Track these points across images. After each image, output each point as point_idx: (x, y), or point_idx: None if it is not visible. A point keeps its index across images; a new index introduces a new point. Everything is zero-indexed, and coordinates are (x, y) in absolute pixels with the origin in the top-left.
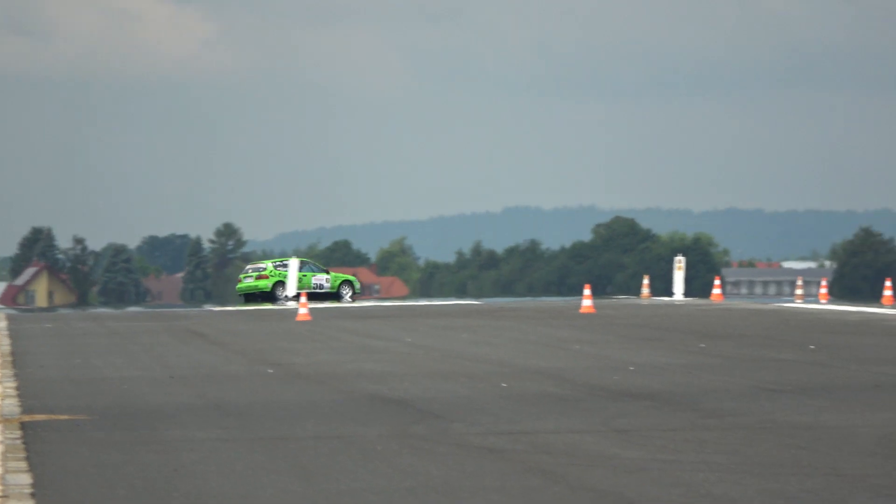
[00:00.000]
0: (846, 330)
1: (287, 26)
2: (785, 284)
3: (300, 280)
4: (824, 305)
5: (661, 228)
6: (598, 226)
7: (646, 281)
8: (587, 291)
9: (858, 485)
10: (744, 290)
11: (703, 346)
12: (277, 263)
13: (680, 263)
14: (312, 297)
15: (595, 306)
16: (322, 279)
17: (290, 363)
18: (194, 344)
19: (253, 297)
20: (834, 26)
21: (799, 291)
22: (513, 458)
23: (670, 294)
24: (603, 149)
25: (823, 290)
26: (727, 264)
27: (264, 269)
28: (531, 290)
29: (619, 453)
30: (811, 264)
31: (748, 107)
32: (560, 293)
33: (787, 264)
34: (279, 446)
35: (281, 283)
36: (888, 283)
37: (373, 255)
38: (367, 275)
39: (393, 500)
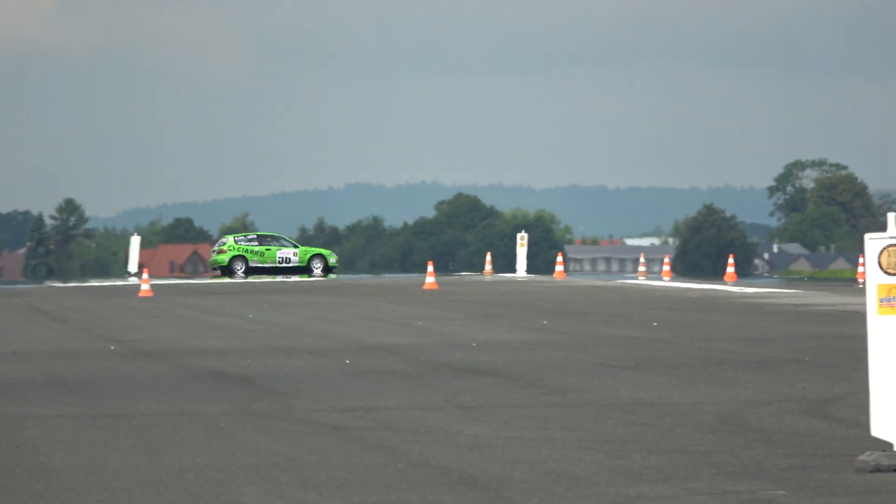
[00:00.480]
0: (689, 307)
1: (128, 3)
2: (628, 261)
3: (262, 254)
4: (667, 282)
5: (504, 205)
6: (441, 202)
7: (489, 258)
8: (430, 268)
9: (702, 461)
10: (587, 268)
11: (545, 322)
12: (240, 238)
13: (522, 240)
14: (277, 271)
15: (438, 283)
16: (289, 253)
17: (133, 340)
18: (37, 320)
19: (219, 270)
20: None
21: (642, 268)
22: (356, 434)
23: (513, 271)
24: (445, 125)
25: (666, 268)
26: (569, 241)
27: (225, 243)
28: (374, 267)
29: (463, 430)
30: (654, 241)
31: (588, 84)
32: (403, 270)
33: (629, 241)
34: (122, 423)
35: (239, 258)
36: (731, 261)
37: (214, 232)
38: (209, 252)
39: (236, 476)
